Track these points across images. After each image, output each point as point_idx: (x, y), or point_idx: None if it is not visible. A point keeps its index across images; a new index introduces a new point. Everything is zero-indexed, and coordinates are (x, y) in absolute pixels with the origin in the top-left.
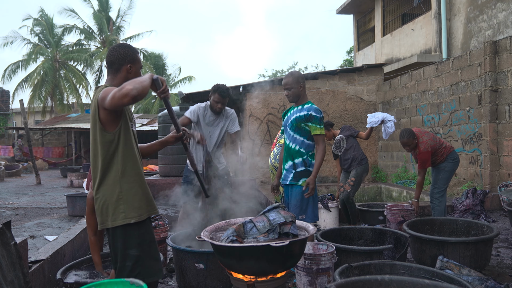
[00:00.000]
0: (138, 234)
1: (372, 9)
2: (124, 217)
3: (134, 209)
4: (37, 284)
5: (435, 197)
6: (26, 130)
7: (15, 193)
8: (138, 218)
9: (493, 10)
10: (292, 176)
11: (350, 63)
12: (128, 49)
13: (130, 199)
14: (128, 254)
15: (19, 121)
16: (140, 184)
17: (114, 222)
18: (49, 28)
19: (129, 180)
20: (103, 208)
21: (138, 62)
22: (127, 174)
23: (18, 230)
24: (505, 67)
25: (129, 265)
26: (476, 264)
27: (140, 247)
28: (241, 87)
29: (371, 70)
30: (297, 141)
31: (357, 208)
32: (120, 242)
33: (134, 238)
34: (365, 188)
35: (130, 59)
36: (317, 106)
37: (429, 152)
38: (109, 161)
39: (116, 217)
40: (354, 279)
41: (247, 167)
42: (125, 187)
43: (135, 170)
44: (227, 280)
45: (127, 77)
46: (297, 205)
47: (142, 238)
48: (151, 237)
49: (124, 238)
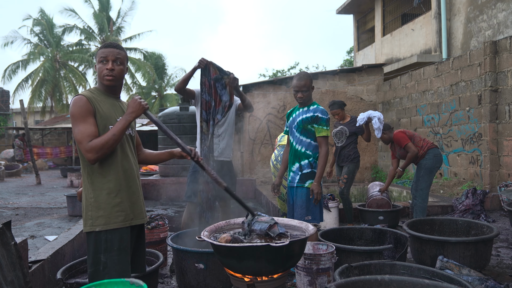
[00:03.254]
0: (105, 240)
1: (372, 9)
2: (91, 224)
3: (101, 217)
4: (37, 284)
5: (419, 195)
6: (26, 130)
7: (15, 193)
8: (103, 227)
9: (493, 10)
10: (299, 178)
11: (350, 63)
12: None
13: (100, 206)
14: (100, 259)
15: (19, 121)
16: (115, 192)
17: (85, 227)
18: (49, 28)
19: (104, 186)
20: (81, 210)
21: (97, 56)
22: (103, 180)
23: (18, 230)
24: (505, 67)
25: (101, 270)
26: (476, 264)
27: (106, 253)
28: (241, 87)
29: (371, 70)
30: (304, 143)
31: (357, 208)
32: (91, 246)
33: (102, 244)
34: (365, 188)
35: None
36: None
37: (402, 132)
38: (87, 165)
39: (85, 223)
40: (354, 279)
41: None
42: (97, 193)
43: (112, 176)
44: (227, 280)
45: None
46: (302, 206)
47: (109, 245)
48: (120, 245)
49: (95, 242)
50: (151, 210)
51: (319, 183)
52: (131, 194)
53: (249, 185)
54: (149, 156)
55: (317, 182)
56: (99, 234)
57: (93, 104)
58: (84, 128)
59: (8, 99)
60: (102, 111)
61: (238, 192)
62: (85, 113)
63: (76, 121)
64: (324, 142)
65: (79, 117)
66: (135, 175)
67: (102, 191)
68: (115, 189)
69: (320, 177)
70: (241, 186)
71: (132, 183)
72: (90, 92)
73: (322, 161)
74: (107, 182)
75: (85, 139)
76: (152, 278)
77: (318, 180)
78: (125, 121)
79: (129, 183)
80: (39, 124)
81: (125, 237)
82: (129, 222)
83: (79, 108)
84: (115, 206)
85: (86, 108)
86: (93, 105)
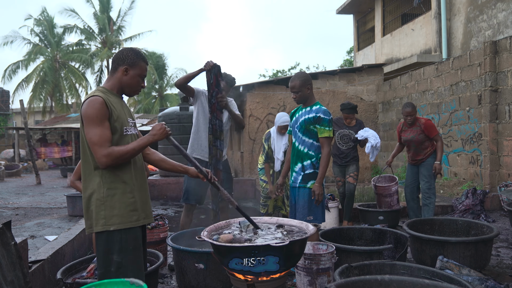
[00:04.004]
0: (119, 239)
1: (372, 9)
2: (104, 224)
3: (115, 217)
4: (37, 284)
5: (432, 193)
6: (26, 130)
7: (15, 193)
8: (118, 226)
9: (493, 10)
10: (301, 178)
11: (350, 63)
12: (132, 53)
13: (112, 205)
14: (112, 259)
15: (19, 121)
16: (129, 191)
17: (97, 227)
18: (50, 28)
19: (119, 186)
20: (88, 210)
21: (138, 69)
22: (117, 179)
23: (18, 230)
24: (505, 67)
25: (112, 270)
26: (476, 264)
27: (122, 253)
28: (241, 87)
29: (371, 70)
30: (306, 143)
31: (357, 208)
32: (102, 246)
33: (116, 243)
34: (365, 188)
35: (130, 62)
36: None
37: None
38: (96, 164)
39: (96, 222)
40: (354, 279)
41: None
42: (111, 192)
43: (126, 175)
44: (227, 280)
45: (121, 79)
46: (305, 206)
47: (124, 244)
48: (135, 244)
49: (106, 243)
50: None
51: (320, 184)
52: (142, 193)
53: (249, 185)
54: (159, 161)
55: (318, 183)
56: (112, 234)
57: (108, 106)
58: (102, 132)
59: (8, 99)
60: (117, 113)
61: (238, 192)
62: (102, 116)
63: (92, 123)
64: (327, 143)
65: (96, 120)
66: (145, 175)
67: (117, 190)
68: (129, 188)
69: (322, 178)
70: (241, 186)
71: (143, 182)
72: (103, 93)
73: (324, 162)
74: (121, 181)
75: (104, 144)
76: (152, 278)
77: (320, 181)
78: (147, 141)
79: (140, 182)
80: (39, 124)
81: (138, 236)
82: (141, 222)
83: (97, 110)
84: (130, 205)
85: (103, 111)
86: (108, 107)
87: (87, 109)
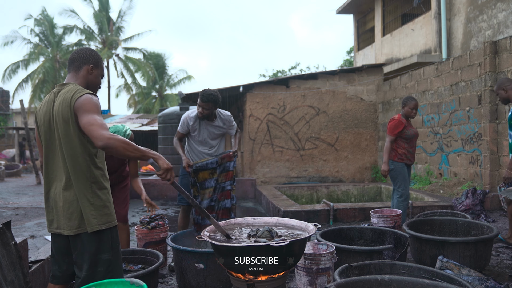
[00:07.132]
0: (110, 238)
1: (372, 9)
2: (97, 223)
3: (107, 215)
4: (37, 284)
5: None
6: (26, 130)
7: (15, 193)
8: (109, 224)
9: (493, 10)
10: None
11: (350, 63)
12: (95, 53)
13: (105, 205)
14: (101, 259)
15: (19, 121)
16: (107, 192)
17: (89, 227)
18: (50, 28)
19: (105, 185)
20: (73, 212)
21: (101, 68)
22: (105, 179)
23: (18, 230)
24: (505, 67)
25: (101, 270)
26: (476, 264)
27: (112, 251)
28: (241, 87)
29: (371, 70)
30: None
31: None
32: (93, 247)
33: (107, 242)
34: (365, 188)
35: (94, 61)
36: (317, 106)
37: None
38: (89, 165)
39: (89, 222)
40: (354, 279)
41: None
42: (101, 192)
43: (105, 180)
44: (227, 280)
45: (87, 78)
46: None
47: (114, 242)
48: (118, 242)
49: (99, 242)
50: None
51: None
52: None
53: (249, 185)
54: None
55: None
56: (103, 233)
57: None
58: (102, 120)
59: (8, 99)
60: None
61: (238, 192)
62: (99, 110)
63: (93, 112)
64: None
65: (96, 111)
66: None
67: (104, 190)
68: (107, 190)
69: None
70: (241, 186)
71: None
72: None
73: None
74: (107, 181)
75: (106, 128)
76: (152, 278)
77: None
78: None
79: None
80: None
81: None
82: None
83: (95, 105)
84: (111, 203)
85: (99, 106)
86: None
87: (86, 103)
